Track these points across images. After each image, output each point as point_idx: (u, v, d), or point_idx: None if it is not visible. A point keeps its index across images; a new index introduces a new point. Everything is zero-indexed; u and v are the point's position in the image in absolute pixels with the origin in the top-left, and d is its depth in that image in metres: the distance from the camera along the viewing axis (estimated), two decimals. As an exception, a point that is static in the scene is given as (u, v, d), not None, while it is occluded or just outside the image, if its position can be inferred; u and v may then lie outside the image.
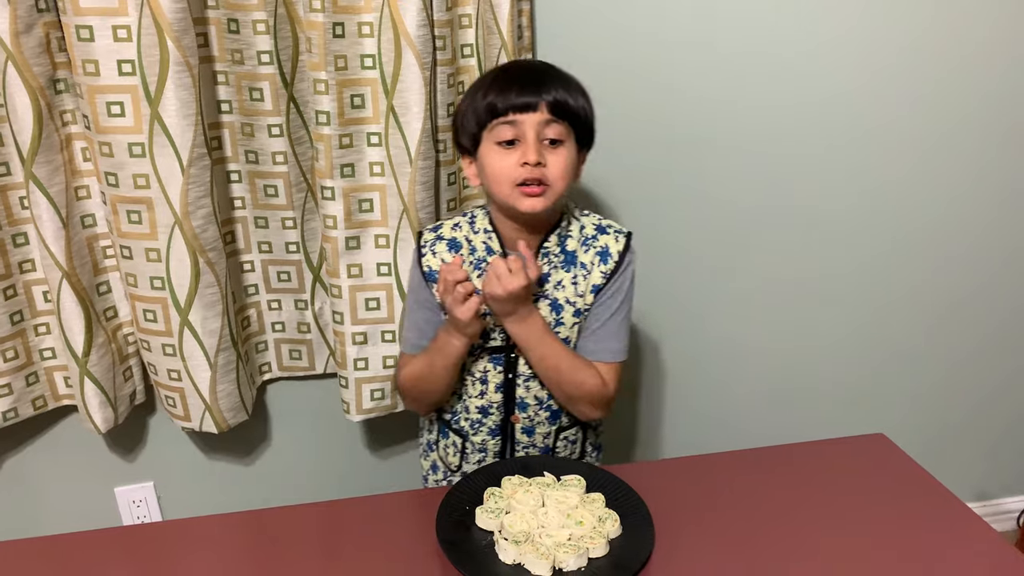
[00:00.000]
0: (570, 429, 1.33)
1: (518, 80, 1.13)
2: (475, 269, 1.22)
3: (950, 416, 2.00)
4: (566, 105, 1.13)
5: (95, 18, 1.23)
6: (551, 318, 1.22)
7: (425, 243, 1.26)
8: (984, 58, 1.65)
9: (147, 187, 1.33)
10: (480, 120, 1.14)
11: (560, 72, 1.16)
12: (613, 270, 1.23)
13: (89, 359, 1.43)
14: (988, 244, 1.83)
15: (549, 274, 1.22)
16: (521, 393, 1.26)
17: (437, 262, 1.23)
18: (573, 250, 1.23)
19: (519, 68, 1.19)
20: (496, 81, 1.14)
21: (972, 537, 1.07)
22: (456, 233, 1.25)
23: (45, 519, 1.67)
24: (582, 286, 1.23)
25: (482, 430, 1.29)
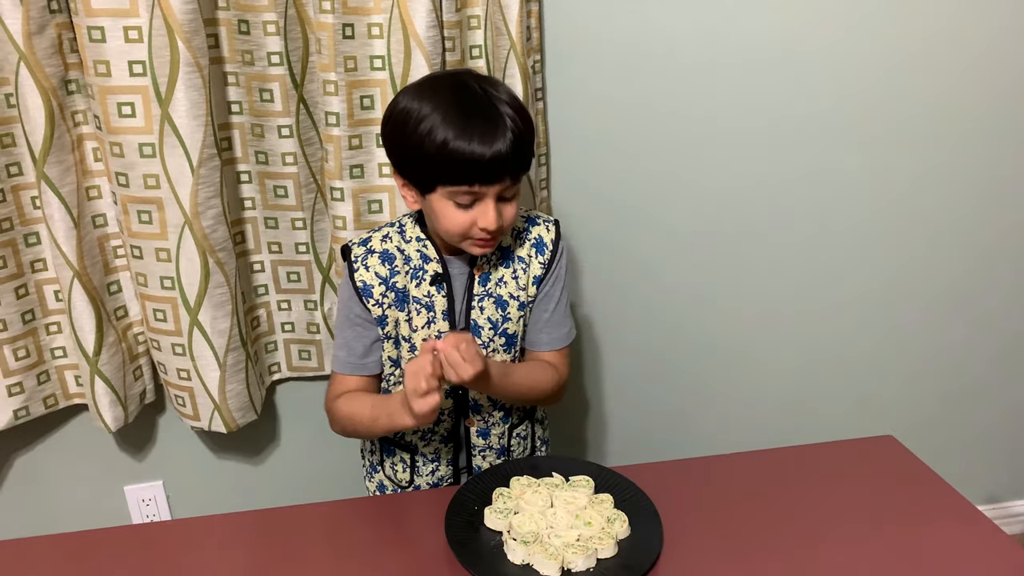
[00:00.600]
0: (520, 426, 1.33)
1: (483, 145, 1.04)
2: (412, 279, 1.20)
3: (960, 418, 1.99)
4: (526, 165, 1.11)
5: (106, 19, 1.24)
6: (497, 315, 1.22)
7: (356, 257, 1.21)
8: (993, 58, 1.64)
9: (157, 187, 1.33)
10: (437, 175, 1.08)
11: (516, 118, 1.08)
12: (550, 259, 1.24)
13: (100, 358, 1.44)
14: (1000, 245, 1.82)
15: (489, 273, 1.21)
16: (474, 395, 1.26)
17: (371, 276, 1.20)
18: (508, 245, 1.23)
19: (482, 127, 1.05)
20: (458, 139, 1.04)
21: (982, 540, 1.07)
22: (387, 244, 1.21)
23: (55, 517, 1.68)
24: (523, 279, 1.23)
25: (434, 439, 1.28)
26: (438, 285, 1.20)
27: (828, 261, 1.77)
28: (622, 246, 1.69)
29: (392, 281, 1.20)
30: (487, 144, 1.04)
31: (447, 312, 1.21)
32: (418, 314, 1.20)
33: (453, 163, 1.05)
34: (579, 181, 1.61)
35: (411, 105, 1.08)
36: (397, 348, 1.24)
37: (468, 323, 1.22)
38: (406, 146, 1.09)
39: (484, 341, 1.22)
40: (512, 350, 1.25)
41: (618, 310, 1.74)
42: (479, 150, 1.04)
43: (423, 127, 1.06)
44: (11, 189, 1.38)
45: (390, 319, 1.22)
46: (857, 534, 1.07)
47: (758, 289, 1.77)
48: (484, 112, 1.06)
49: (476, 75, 1.13)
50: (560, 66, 1.52)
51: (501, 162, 1.06)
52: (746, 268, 1.75)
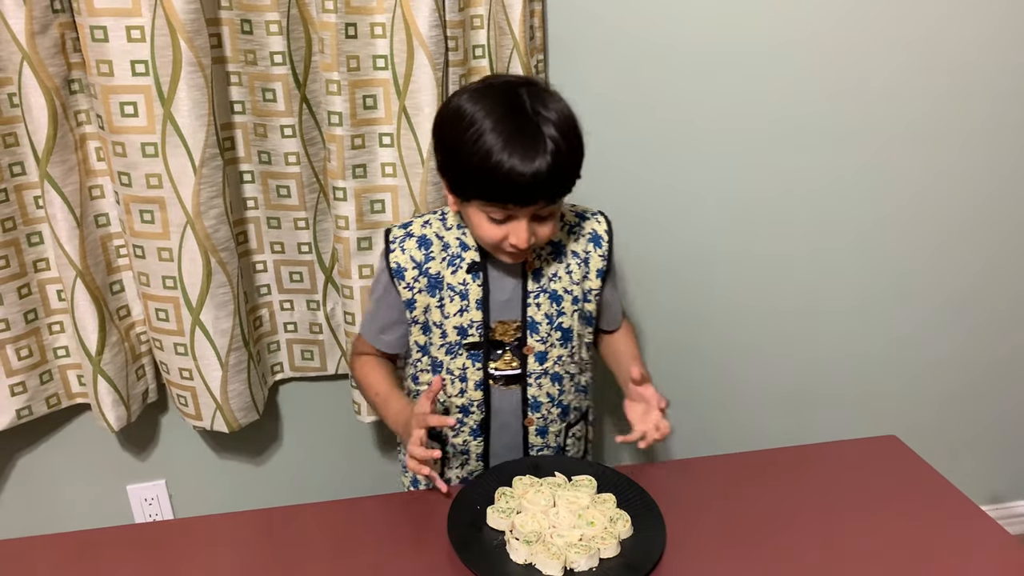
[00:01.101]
0: (577, 425, 1.34)
1: (520, 166, 1.03)
2: (449, 266, 1.20)
3: (963, 418, 1.99)
4: (564, 189, 1.10)
5: (109, 19, 1.24)
6: (553, 310, 1.22)
7: (394, 239, 1.23)
8: (994, 55, 1.64)
9: (160, 187, 1.33)
10: (474, 189, 1.08)
11: (559, 140, 1.05)
12: (609, 251, 1.26)
13: (102, 358, 1.44)
14: (1002, 244, 1.82)
15: (542, 269, 1.22)
16: (533, 392, 1.25)
17: (406, 259, 1.21)
18: (559, 240, 1.23)
19: (522, 147, 1.03)
20: (496, 155, 1.03)
21: (985, 540, 1.07)
22: (426, 230, 1.22)
23: (58, 517, 1.68)
24: (578, 273, 1.23)
25: (463, 431, 1.28)
26: (474, 274, 1.20)
27: (831, 260, 1.77)
28: (624, 245, 1.68)
29: (426, 267, 1.21)
30: (524, 166, 1.03)
31: (481, 302, 1.20)
32: (451, 301, 1.20)
33: (489, 181, 1.05)
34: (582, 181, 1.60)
35: (465, 107, 1.07)
36: (426, 334, 1.24)
37: (526, 320, 1.22)
38: (450, 150, 1.10)
39: (542, 336, 1.22)
40: (568, 345, 1.25)
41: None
42: (516, 171, 1.03)
43: (469, 134, 1.05)
44: (14, 189, 1.38)
45: (419, 304, 1.22)
46: (860, 534, 1.07)
47: (761, 289, 1.77)
48: (527, 131, 1.04)
49: (532, 89, 1.09)
50: (563, 65, 1.52)
51: (536, 185, 1.05)
52: (749, 268, 1.75)
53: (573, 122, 1.09)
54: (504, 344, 1.22)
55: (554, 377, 1.25)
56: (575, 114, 1.10)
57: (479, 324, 1.20)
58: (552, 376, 1.25)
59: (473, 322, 1.21)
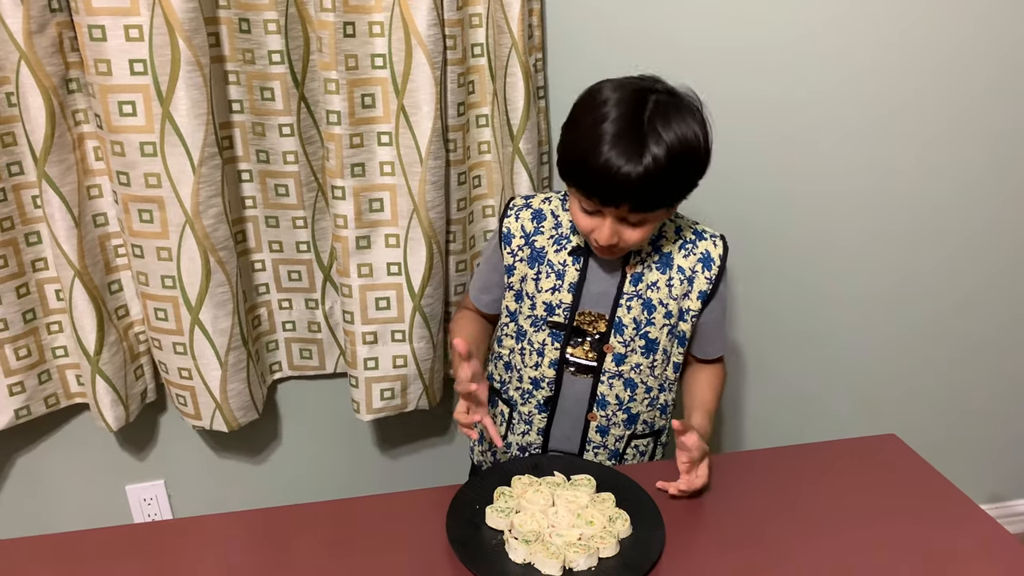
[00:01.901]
0: (643, 439, 1.33)
1: (612, 164, 1.04)
2: (555, 244, 1.24)
3: (963, 417, 1.99)
4: (654, 203, 1.09)
5: (107, 18, 1.24)
6: (643, 317, 1.22)
7: (512, 206, 1.28)
8: (986, 48, 1.64)
9: (158, 186, 1.33)
10: (572, 173, 1.11)
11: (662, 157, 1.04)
12: (718, 275, 1.24)
13: (101, 357, 1.44)
14: (1001, 240, 1.82)
15: (643, 274, 1.22)
16: (603, 390, 1.26)
17: (517, 227, 1.26)
18: (669, 252, 1.23)
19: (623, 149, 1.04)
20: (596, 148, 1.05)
21: (985, 538, 1.07)
22: (544, 206, 1.27)
23: (57, 517, 1.68)
24: (678, 289, 1.23)
25: (531, 401, 1.29)
26: (575, 257, 1.22)
27: (831, 259, 1.77)
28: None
29: (533, 239, 1.24)
30: (616, 166, 1.04)
31: (575, 286, 1.22)
32: (547, 277, 1.23)
33: (583, 169, 1.08)
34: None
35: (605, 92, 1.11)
36: (518, 302, 1.27)
37: (613, 319, 1.22)
38: (572, 127, 1.13)
39: (625, 340, 1.22)
40: (651, 356, 1.24)
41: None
42: (605, 168, 1.04)
43: (592, 116, 1.08)
44: (12, 188, 1.38)
45: (518, 272, 1.26)
46: (859, 533, 1.07)
47: (761, 287, 1.77)
48: (635, 136, 1.05)
49: (664, 97, 1.10)
50: (562, 64, 1.51)
51: (621, 189, 1.05)
52: (749, 266, 1.75)
53: (689, 145, 1.08)
54: (586, 334, 1.23)
55: (628, 383, 1.25)
56: (701, 139, 1.10)
57: (567, 307, 1.22)
58: (626, 381, 1.25)
59: (562, 303, 1.23)
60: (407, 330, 1.54)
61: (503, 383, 1.34)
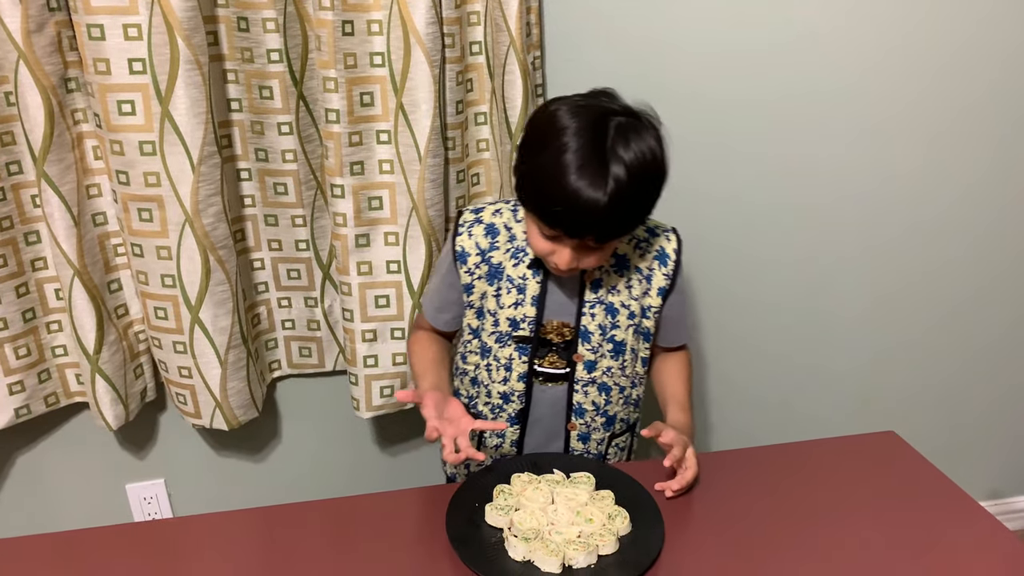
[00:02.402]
0: (622, 436, 1.34)
1: (573, 198, 1.01)
2: (512, 257, 1.22)
3: (962, 414, 1.99)
4: (617, 232, 1.09)
5: (106, 17, 1.24)
6: (607, 322, 1.22)
7: (463, 223, 1.24)
8: (989, 47, 1.64)
9: (158, 185, 1.33)
10: (532, 201, 1.08)
11: (624, 183, 1.02)
12: (675, 270, 1.24)
13: (100, 356, 1.44)
14: (1001, 240, 1.82)
15: (602, 280, 1.21)
16: (579, 399, 1.26)
17: (471, 244, 1.22)
18: (624, 253, 1.23)
19: (584, 180, 1.01)
20: (557, 181, 1.02)
21: (984, 535, 1.07)
22: (496, 219, 1.24)
23: (57, 515, 1.68)
24: (638, 289, 1.23)
25: (502, 415, 1.29)
26: (535, 270, 1.21)
27: (832, 258, 1.77)
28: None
29: (489, 255, 1.22)
30: (580, 201, 1.01)
31: (537, 299, 1.21)
32: (508, 292, 1.21)
33: (545, 201, 1.05)
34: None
35: (562, 119, 1.05)
36: (480, 319, 1.25)
37: (579, 328, 1.21)
38: (530, 154, 1.08)
39: (593, 346, 1.22)
40: (620, 358, 1.25)
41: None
42: (573, 202, 1.02)
43: (552, 147, 1.03)
44: (11, 187, 1.38)
45: (477, 290, 1.24)
46: (858, 530, 1.07)
47: (760, 286, 1.77)
48: (599, 167, 1.02)
49: (623, 120, 1.06)
50: (560, 62, 1.51)
51: (585, 223, 1.04)
52: (747, 265, 1.75)
53: (651, 167, 1.06)
54: (552, 344, 1.23)
55: (602, 387, 1.25)
56: (660, 153, 1.07)
57: (531, 320, 1.21)
58: (600, 386, 1.25)
59: (526, 317, 1.21)
60: (407, 327, 1.54)
61: (471, 398, 1.32)
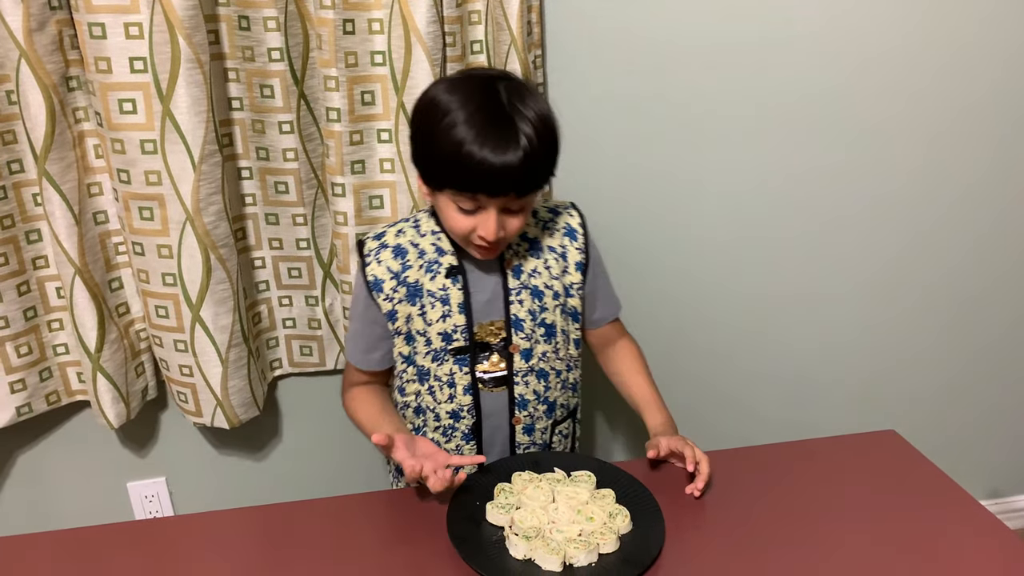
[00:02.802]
0: (564, 423, 1.33)
1: (493, 155, 1.03)
2: (427, 272, 1.20)
3: (962, 413, 1.99)
4: (536, 184, 1.10)
5: (107, 16, 1.24)
6: (535, 306, 1.22)
7: (369, 252, 1.22)
8: (990, 47, 1.64)
9: (159, 184, 1.33)
10: (445, 178, 1.08)
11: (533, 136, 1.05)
12: (586, 242, 1.26)
13: (102, 355, 1.44)
14: (1000, 241, 1.82)
15: (521, 265, 1.22)
16: (520, 391, 1.25)
17: (383, 270, 1.21)
18: (535, 236, 1.24)
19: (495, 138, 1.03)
20: (469, 145, 1.03)
21: (985, 534, 1.07)
22: (401, 239, 1.22)
23: (58, 513, 1.68)
24: (556, 268, 1.23)
25: (455, 435, 1.27)
26: (453, 278, 1.20)
27: (829, 255, 1.77)
28: (623, 242, 1.69)
29: (404, 276, 1.21)
30: (496, 157, 1.03)
31: (463, 305, 1.20)
32: (432, 307, 1.20)
33: (460, 170, 1.05)
34: (581, 176, 1.60)
35: (441, 98, 1.08)
36: (410, 344, 1.24)
37: (508, 318, 1.21)
38: (424, 139, 1.10)
39: (527, 333, 1.22)
40: (552, 340, 1.25)
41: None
42: (486, 162, 1.03)
43: (443, 124, 1.05)
44: (12, 186, 1.38)
45: (400, 314, 1.22)
46: (858, 529, 1.07)
47: (760, 284, 1.77)
48: (501, 124, 1.05)
49: (511, 83, 1.09)
50: (561, 61, 1.52)
51: (506, 178, 1.05)
52: (747, 263, 1.75)
53: (550, 121, 1.09)
54: (490, 346, 1.22)
55: (540, 374, 1.25)
56: (553, 113, 1.11)
57: (463, 328, 1.20)
58: (538, 373, 1.25)
59: (457, 327, 1.20)
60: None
61: (418, 429, 1.29)
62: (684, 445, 1.15)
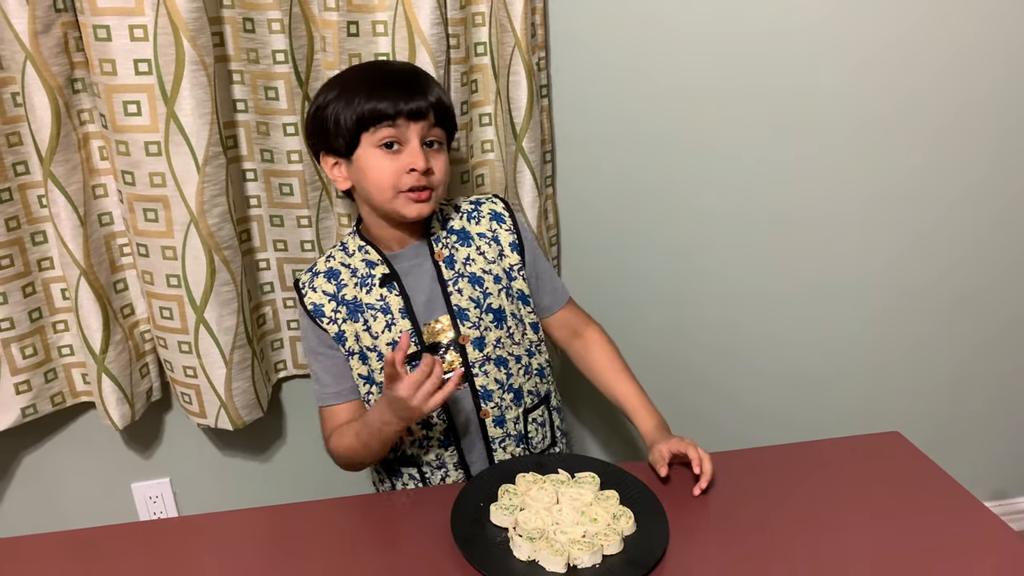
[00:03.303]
0: (536, 410, 1.31)
1: (402, 85, 1.13)
2: (362, 287, 1.22)
3: (966, 414, 1.99)
4: (447, 111, 1.16)
5: (112, 18, 1.24)
6: (477, 293, 1.22)
7: (302, 285, 1.26)
8: (988, 47, 1.63)
9: (163, 185, 1.34)
10: (362, 122, 1.12)
11: (432, 78, 1.19)
12: (514, 224, 1.28)
13: (106, 356, 1.44)
14: (1000, 238, 1.81)
15: (452, 256, 1.23)
16: (481, 382, 1.24)
17: (319, 296, 1.23)
18: (462, 227, 1.25)
19: (396, 72, 1.18)
20: (375, 84, 1.13)
21: (989, 536, 1.07)
22: (331, 263, 1.26)
23: (63, 515, 1.69)
24: (491, 252, 1.25)
25: (432, 445, 1.26)
26: (389, 285, 1.21)
27: (830, 253, 1.77)
28: (626, 243, 1.69)
29: (341, 295, 1.23)
30: (405, 83, 1.13)
31: (404, 310, 1.21)
32: (375, 320, 1.21)
33: (373, 103, 1.11)
34: (584, 178, 1.61)
35: (323, 89, 1.19)
36: (365, 363, 1.24)
37: (451, 309, 1.21)
38: (326, 119, 1.16)
39: (474, 322, 1.22)
40: (503, 325, 1.24)
41: (622, 307, 1.74)
42: (397, 88, 1.12)
43: (338, 92, 1.15)
44: (18, 188, 1.39)
45: (348, 333, 1.23)
46: (863, 530, 1.07)
47: (763, 285, 1.77)
48: (399, 67, 1.19)
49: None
50: (565, 63, 1.52)
51: (421, 99, 1.12)
52: (750, 264, 1.75)
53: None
54: (441, 345, 1.22)
55: (498, 361, 1.24)
56: None
57: (411, 332, 1.21)
58: (496, 361, 1.24)
59: (403, 332, 1.20)
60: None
61: (396, 448, 1.28)
62: (686, 446, 1.15)
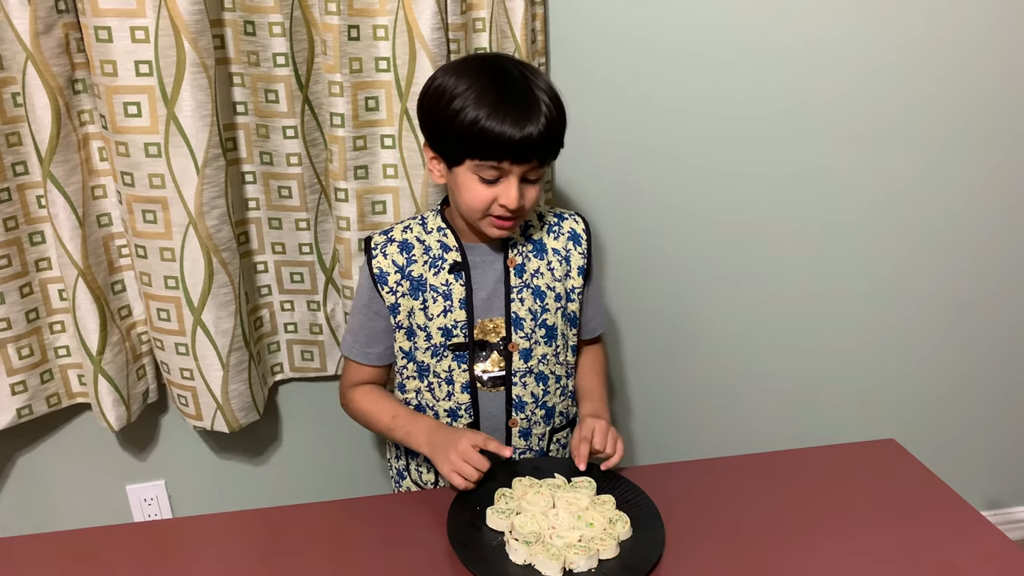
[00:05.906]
0: (562, 431, 1.33)
1: (516, 123, 1.07)
2: (431, 268, 1.22)
3: (962, 422, 1.99)
4: (555, 152, 1.14)
5: (113, 19, 1.25)
6: (537, 306, 1.23)
7: (376, 245, 1.24)
8: (989, 56, 1.64)
9: (162, 187, 1.34)
10: (467, 148, 1.10)
11: (551, 104, 1.10)
12: (589, 248, 1.27)
13: (103, 357, 1.44)
14: (1000, 248, 1.82)
15: (524, 264, 1.22)
16: (518, 392, 1.25)
17: (388, 263, 1.22)
18: (540, 238, 1.25)
19: (516, 106, 1.08)
20: (493, 114, 1.06)
21: (985, 545, 1.07)
22: (407, 235, 1.24)
23: (58, 516, 1.68)
24: (560, 270, 1.24)
25: None
26: (456, 273, 1.21)
27: (829, 261, 1.77)
28: (625, 247, 1.69)
29: (408, 270, 1.22)
30: (520, 124, 1.07)
31: (464, 301, 1.21)
32: (434, 302, 1.21)
33: (484, 139, 1.07)
34: (584, 183, 1.61)
35: (447, 82, 1.11)
36: (411, 339, 1.24)
37: (509, 315, 1.22)
38: (439, 120, 1.12)
39: (527, 333, 1.22)
40: (553, 343, 1.25)
41: (619, 311, 1.74)
42: (511, 129, 1.06)
43: (457, 104, 1.08)
44: (17, 188, 1.39)
45: (403, 308, 1.23)
46: (858, 538, 1.08)
47: (760, 290, 1.78)
48: (520, 94, 1.09)
49: (515, 59, 1.16)
50: (565, 69, 1.52)
51: (531, 143, 1.08)
52: (748, 269, 1.75)
53: (557, 94, 1.13)
54: (490, 345, 1.23)
55: (539, 377, 1.25)
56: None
57: (463, 324, 1.21)
58: (537, 376, 1.25)
59: (457, 322, 1.21)
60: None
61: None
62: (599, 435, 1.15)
